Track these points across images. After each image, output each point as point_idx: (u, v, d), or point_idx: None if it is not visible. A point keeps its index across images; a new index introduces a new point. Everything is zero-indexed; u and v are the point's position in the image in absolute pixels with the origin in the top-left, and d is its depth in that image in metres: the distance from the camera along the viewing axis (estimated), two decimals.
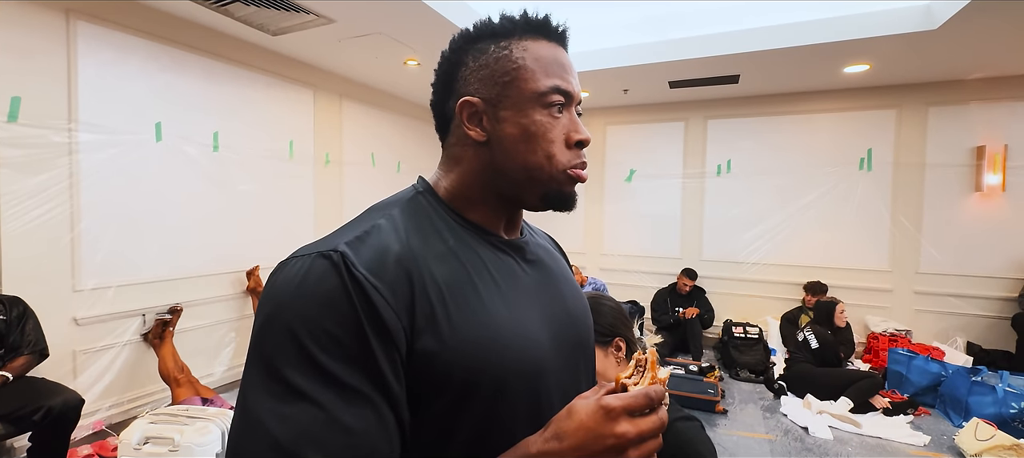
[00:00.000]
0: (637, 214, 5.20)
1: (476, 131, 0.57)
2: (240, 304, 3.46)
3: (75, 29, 2.51)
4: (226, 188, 3.29)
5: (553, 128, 0.56)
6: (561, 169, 0.57)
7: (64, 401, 2.07)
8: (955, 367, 3.36)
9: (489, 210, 0.60)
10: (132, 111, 2.77)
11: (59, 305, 2.50)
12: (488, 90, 0.57)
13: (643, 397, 0.45)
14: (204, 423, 2.01)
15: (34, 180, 2.40)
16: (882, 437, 2.94)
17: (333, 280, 0.45)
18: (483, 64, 0.57)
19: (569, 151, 0.58)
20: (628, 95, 4.73)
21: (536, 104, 0.56)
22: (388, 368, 0.45)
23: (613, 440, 0.43)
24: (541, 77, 0.56)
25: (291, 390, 0.42)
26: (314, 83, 3.90)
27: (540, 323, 0.57)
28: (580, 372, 0.64)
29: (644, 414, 0.45)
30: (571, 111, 0.59)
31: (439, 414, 0.49)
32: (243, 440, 0.43)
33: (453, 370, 0.48)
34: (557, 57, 0.58)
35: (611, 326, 1.06)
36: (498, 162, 0.57)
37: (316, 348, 0.43)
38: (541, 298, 0.60)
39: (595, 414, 0.44)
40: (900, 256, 4.25)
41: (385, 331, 0.45)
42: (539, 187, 0.58)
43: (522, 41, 0.57)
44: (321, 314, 0.44)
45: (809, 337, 3.60)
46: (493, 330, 0.51)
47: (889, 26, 3.09)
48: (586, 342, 0.66)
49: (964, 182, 4.05)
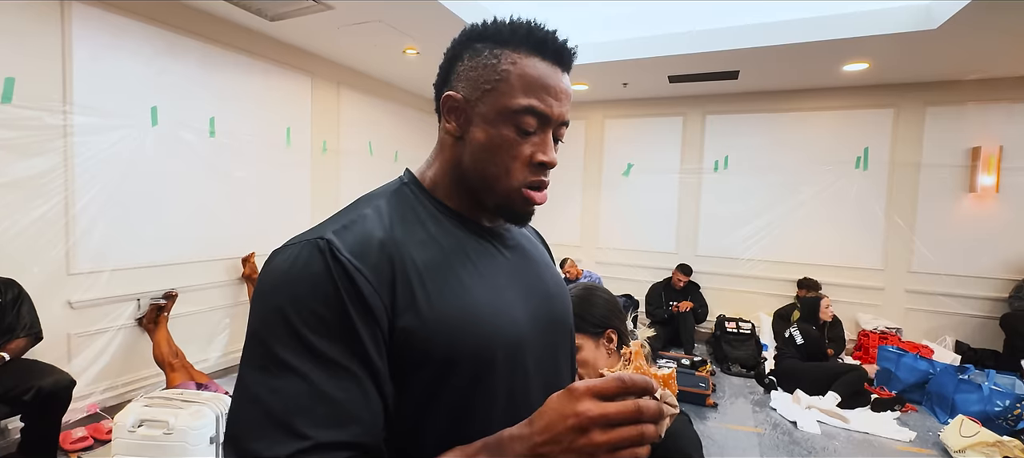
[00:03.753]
0: (634, 208, 5.22)
1: (452, 125, 0.59)
2: (235, 291, 3.46)
3: (70, 10, 2.48)
4: (222, 174, 3.28)
5: (517, 146, 0.57)
6: (516, 186, 0.58)
7: (55, 381, 2.08)
8: (943, 365, 3.41)
9: (467, 200, 0.61)
10: (128, 95, 2.75)
11: (54, 288, 2.50)
12: (470, 91, 0.58)
13: (614, 381, 0.44)
14: (198, 407, 2.02)
15: (29, 162, 2.38)
16: (869, 432, 2.98)
17: (319, 264, 0.48)
18: (474, 65, 0.58)
19: (527, 169, 0.58)
20: (627, 89, 4.73)
21: (507, 119, 0.56)
22: (371, 344, 0.48)
23: (573, 419, 0.43)
24: (519, 95, 0.56)
25: (281, 365, 0.46)
26: (312, 70, 3.87)
27: (518, 302, 0.59)
28: (558, 349, 0.65)
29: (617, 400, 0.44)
30: (545, 133, 0.58)
31: (421, 388, 0.51)
32: (239, 410, 0.47)
33: (432, 346, 0.51)
34: (545, 78, 0.57)
35: (603, 317, 1.06)
36: (465, 161, 0.59)
37: (304, 326, 0.47)
38: (519, 279, 0.62)
39: (561, 396, 0.45)
40: (893, 255, 4.29)
41: (368, 310, 0.48)
42: (492, 197, 0.59)
43: (515, 53, 0.57)
44: (308, 295, 0.47)
45: (794, 333, 3.66)
46: (470, 307, 0.54)
47: (889, 25, 3.09)
48: (564, 321, 0.68)
49: (958, 183, 4.08)
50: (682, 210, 5.02)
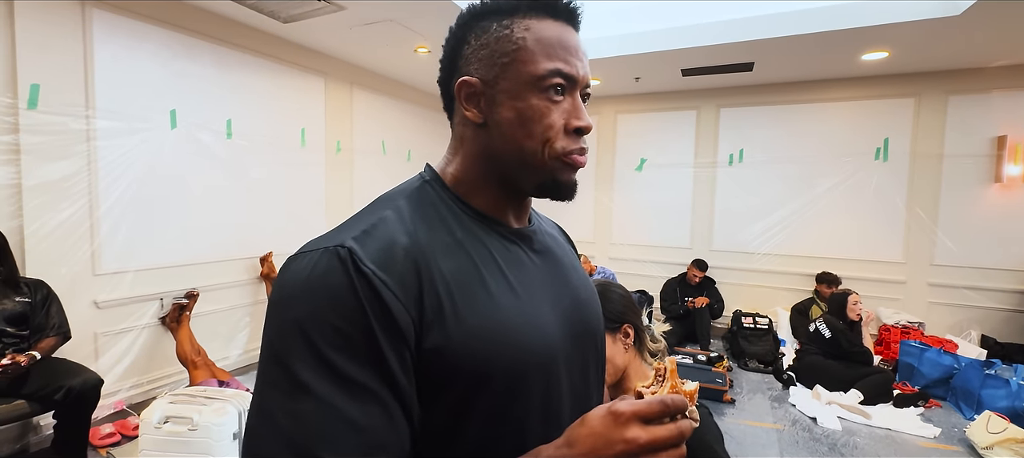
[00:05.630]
0: (647, 203, 5.17)
1: (473, 112, 0.56)
2: (254, 289, 3.52)
3: (91, 17, 2.54)
4: (239, 175, 3.33)
5: (550, 113, 0.54)
6: (556, 155, 0.54)
7: (84, 381, 2.14)
8: (968, 360, 3.33)
9: (493, 196, 0.58)
10: (147, 98, 2.80)
11: (81, 288, 2.57)
12: (487, 71, 0.55)
13: (658, 404, 0.44)
14: (222, 404, 2.07)
15: (55, 166, 2.45)
16: (891, 428, 2.93)
17: (340, 275, 0.45)
18: (484, 43, 0.55)
19: (567, 137, 0.55)
20: (640, 83, 4.69)
21: (534, 88, 0.53)
22: (396, 363, 0.45)
23: (622, 445, 0.42)
24: (541, 59, 0.53)
25: (301, 387, 0.43)
26: (325, 71, 3.91)
27: (549, 313, 0.57)
28: (588, 359, 0.63)
29: (661, 422, 0.44)
30: (574, 96, 0.55)
31: (450, 407, 0.49)
32: (259, 433, 0.44)
33: (462, 363, 0.48)
34: (562, 38, 0.55)
35: (620, 313, 1.07)
36: (495, 146, 0.56)
37: (324, 344, 0.43)
38: (550, 288, 0.59)
39: (605, 419, 0.44)
40: (915, 248, 4.19)
41: (394, 326, 0.45)
42: (534, 174, 0.56)
43: (525, 20, 0.54)
44: (328, 310, 0.44)
45: (821, 328, 3.56)
46: (501, 322, 0.51)
47: (910, 12, 3.01)
48: (595, 331, 0.65)
49: (983, 173, 3.96)
50: (697, 205, 4.96)
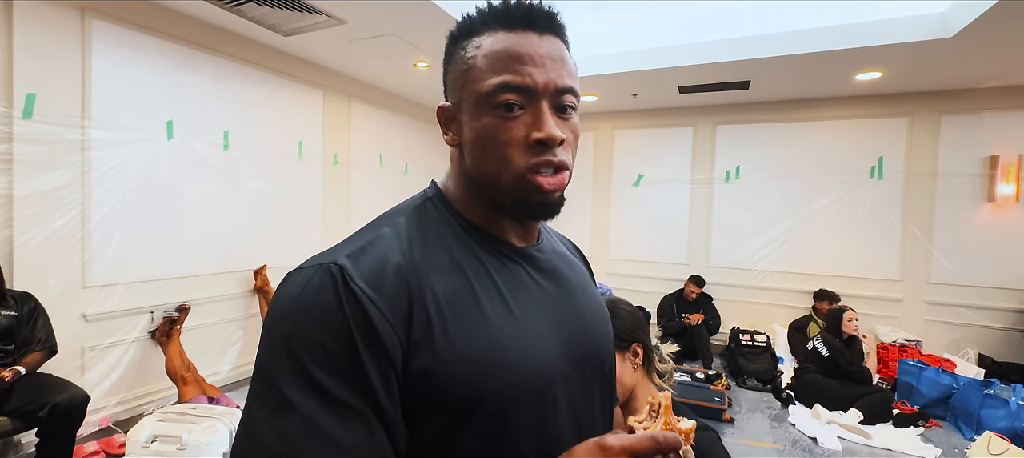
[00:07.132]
0: (644, 219, 5.18)
1: (449, 136, 0.57)
2: (247, 303, 3.46)
3: (90, 27, 2.53)
4: (236, 187, 3.30)
5: (506, 130, 0.51)
6: (519, 174, 0.51)
7: (69, 397, 2.08)
8: (967, 379, 3.31)
9: (488, 214, 0.57)
10: (144, 109, 2.78)
11: (69, 301, 2.51)
12: (455, 95, 0.55)
13: (648, 441, 0.42)
14: (212, 422, 2.01)
15: (47, 176, 2.41)
16: (892, 449, 2.90)
17: (330, 293, 0.45)
18: (452, 68, 0.56)
19: (528, 152, 0.51)
20: (637, 100, 4.72)
21: (485, 106, 0.51)
22: (380, 383, 0.44)
23: None
24: (487, 75, 0.51)
25: (285, 404, 0.43)
26: (324, 84, 3.91)
27: (549, 335, 0.54)
28: (594, 385, 0.60)
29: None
30: (538, 107, 0.51)
31: (440, 429, 0.47)
32: (245, 448, 0.44)
33: (451, 385, 0.46)
34: (514, 48, 0.51)
35: (629, 331, 1.05)
36: (468, 167, 0.55)
37: (309, 361, 0.43)
38: (553, 310, 0.57)
39: (592, 452, 0.43)
40: (910, 265, 4.21)
41: (379, 345, 0.44)
42: (504, 195, 0.53)
43: (479, 37, 0.53)
44: (315, 326, 0.44)
45: (819, 346, 3.55)
46: (494, 343, 0.49)
47: (903, 34, 3.07)
48: (603, 354, 0.62)
49: (976, 192, 4.01)
50: (693, 221, 4.97)
